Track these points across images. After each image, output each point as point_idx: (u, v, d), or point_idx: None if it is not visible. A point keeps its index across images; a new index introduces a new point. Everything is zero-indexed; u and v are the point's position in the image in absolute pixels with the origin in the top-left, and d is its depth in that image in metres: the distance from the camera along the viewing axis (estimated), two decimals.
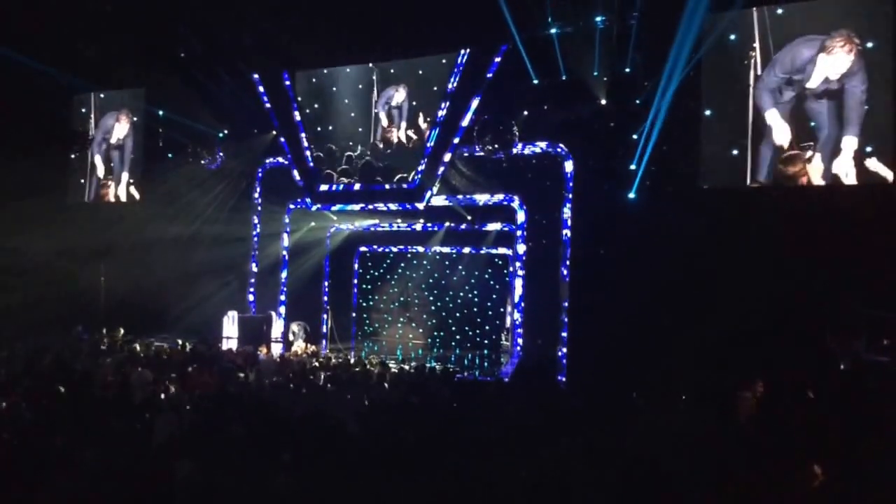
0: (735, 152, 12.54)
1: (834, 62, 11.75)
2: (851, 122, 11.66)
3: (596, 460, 6.26)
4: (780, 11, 12.14)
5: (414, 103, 16.73)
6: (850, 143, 11.64)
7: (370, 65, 16.83)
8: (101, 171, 20.11)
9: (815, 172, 11.94)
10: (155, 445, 7.35)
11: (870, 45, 11.50)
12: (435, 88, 16.16)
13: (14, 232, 17.49)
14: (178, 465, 6.18)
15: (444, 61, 15.96)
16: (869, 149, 11.58)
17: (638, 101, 13.15)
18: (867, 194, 11.49)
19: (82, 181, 20.41)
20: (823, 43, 11.82)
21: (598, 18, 13.19)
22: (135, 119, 19.57)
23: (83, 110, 20.41)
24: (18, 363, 12.04)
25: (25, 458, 6.52)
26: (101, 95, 20.11)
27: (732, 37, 12.49)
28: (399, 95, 16.72)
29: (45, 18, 16.18)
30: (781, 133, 12.18)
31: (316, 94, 17.90)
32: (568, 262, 14.22)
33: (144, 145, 19.45)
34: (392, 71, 16.82)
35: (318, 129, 17.68)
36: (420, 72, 16.58)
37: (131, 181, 19.59)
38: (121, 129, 19.79)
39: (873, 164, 11.54)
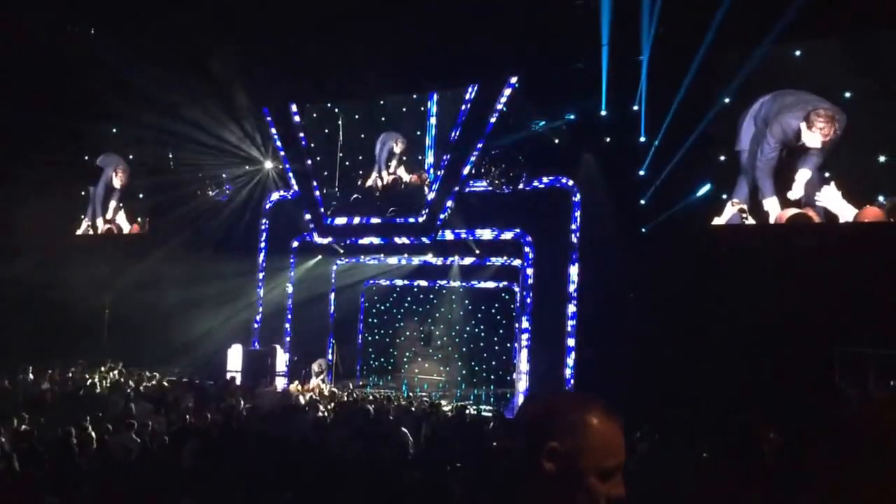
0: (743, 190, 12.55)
1: (813, 137, 11.93)
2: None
3: None
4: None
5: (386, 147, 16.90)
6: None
7: (335, 110, 16.89)
8: (108, 204, 20.23)
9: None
10: (152, 481, 7.24)
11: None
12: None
13: (19, 263, 17.53)
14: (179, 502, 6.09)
15: (403, 109, 16.31)
16: None
17: (644, 139, 13.18)
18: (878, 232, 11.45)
19: (90, 213, 20.51)
20: (807, 114, 11.95)
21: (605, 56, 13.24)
22: (139, 156, 19.79)
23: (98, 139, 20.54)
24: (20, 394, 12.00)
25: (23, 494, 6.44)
26: (114, 130, 20.29)
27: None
28: (398, 147, 16.86)
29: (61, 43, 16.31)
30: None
31: None
32: (575, 297, 14.14)
33: (152, 177, 19.54)
34: (357, 116, 16.89)
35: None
36: (383, 118, 16.70)
37: (137, 213, 19.68)
38: (121, 175, 20.03)
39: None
